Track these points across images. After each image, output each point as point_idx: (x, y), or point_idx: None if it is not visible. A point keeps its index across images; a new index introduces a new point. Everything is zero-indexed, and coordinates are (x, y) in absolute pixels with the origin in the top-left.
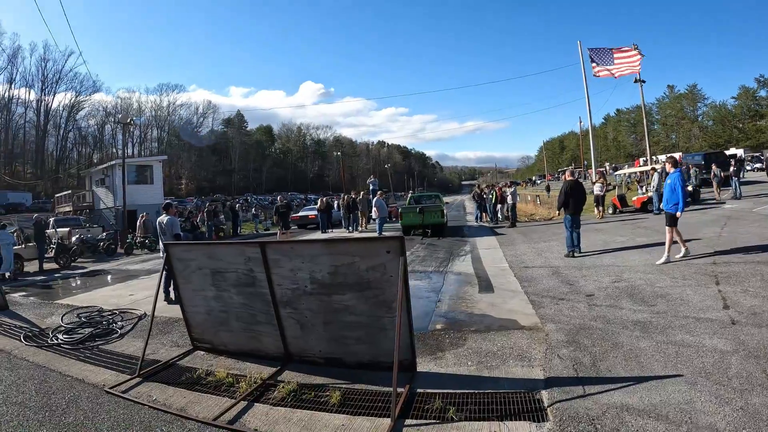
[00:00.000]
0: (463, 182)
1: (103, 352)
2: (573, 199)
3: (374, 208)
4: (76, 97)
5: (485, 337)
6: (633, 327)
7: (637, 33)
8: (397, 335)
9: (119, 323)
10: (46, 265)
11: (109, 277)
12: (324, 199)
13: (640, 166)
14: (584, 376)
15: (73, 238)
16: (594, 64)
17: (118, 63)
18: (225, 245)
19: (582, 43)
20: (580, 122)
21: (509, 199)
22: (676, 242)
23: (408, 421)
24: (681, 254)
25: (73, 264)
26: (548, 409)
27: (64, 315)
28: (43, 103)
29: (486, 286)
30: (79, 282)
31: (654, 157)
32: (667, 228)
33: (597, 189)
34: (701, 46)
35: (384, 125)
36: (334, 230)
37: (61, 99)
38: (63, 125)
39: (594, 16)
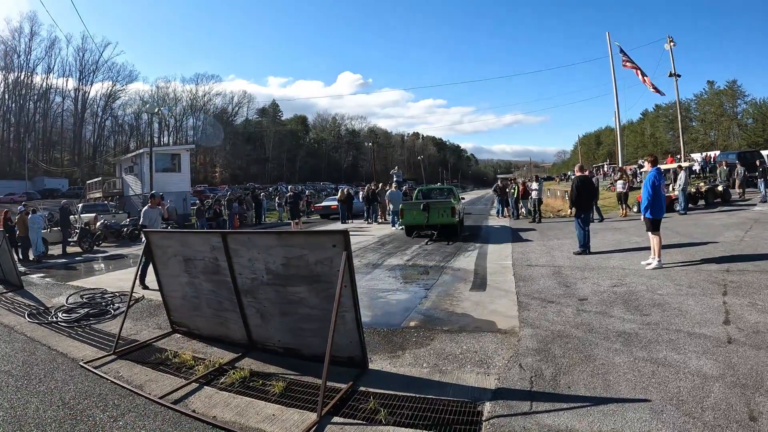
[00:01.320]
0: (498, 175)
1: (94, 331)
2: (582, 196)
3: (387, 200)
4: (113, 86)
5: (454, 339)
6: (615, 338)
7: (675, 24)
8: (331, 330)
9: (116, 305)
10: (71, 249)
11: (124, 261)
12: (345, 189)
13: (673, 163)
14: (537, 391)
15: (98, 224)
16: (623, 55)
17: (158, 53)
18: (194, 234)
19: (611, 35)
20: (616, 117)
21: (534, 195)
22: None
23: (335, 419)
24: (649, 263)
25: (95, 248)
26: (484, 423)
27: (69, 296)
28: (80, 93)
29: (480, 284)
30: (95, 266)
31: (688, 155)
32: (650, 234)
33: (620, 186)
34: (742, 41)
35: (421, 116)
36: (354, 221)
37: (98, 88)
38: (100, 114)
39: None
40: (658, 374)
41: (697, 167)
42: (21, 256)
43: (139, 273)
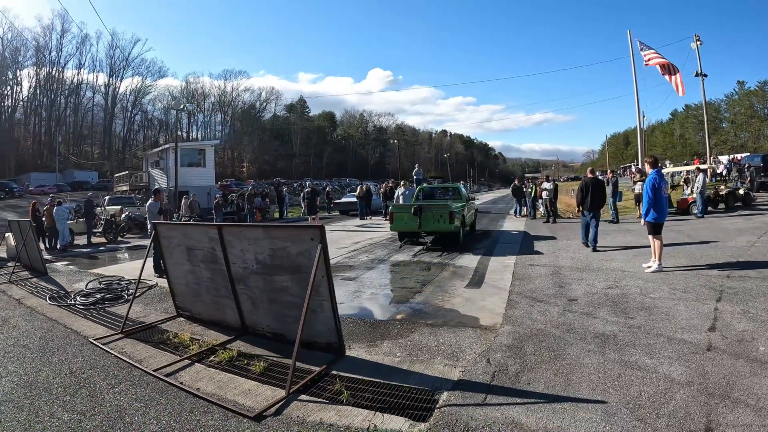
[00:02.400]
0: (526, 174)
1: (107, 313)
2: (590, 197)
3: (399, 198)
4: (143, 81)
5: (434, 332)
6: (592, 340)
7: (702, 23)
8: (302, 317)
9: (130, 291)
10: (96, 239)
11: (145, 251)
12: (363, 186)
13: (697, 165)
14: (496, 385)
15: (123, 215)
16: (644, 53)
17: (189, 50)
18: (194, 226)
19: (632, 33)
20: (643, 117)
21: (545, 195)
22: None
23: (302, 396)
24: (649, 266)
25: (119, 239)
26: (436, 410)
27: (89, 282)
28: (110, 88)
29: (477, 281)
30: (117, 255)
31: (716, 157)
32: (651, 238)
33: (638, 188)
34: None
35: (451, 114)
36: (373, 217)
37: (128, 84)
38: (130, 108)
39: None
40: (623, 377)
41: (722, 170)
42: (48, 245)
43: (145, 262)
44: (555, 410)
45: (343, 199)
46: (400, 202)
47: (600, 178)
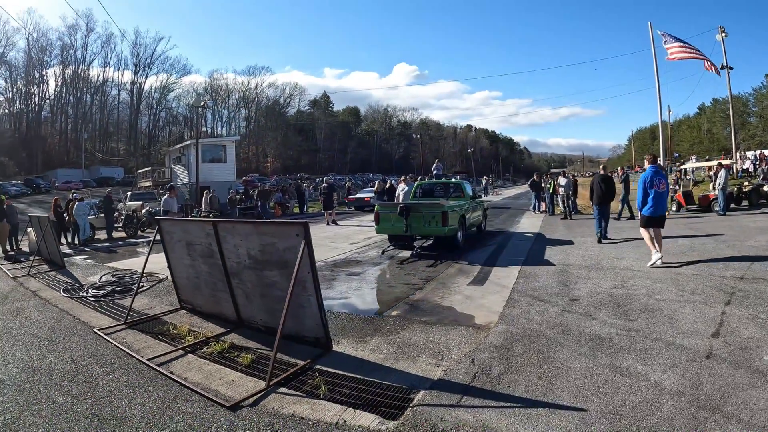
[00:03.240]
0: (552, 170)
1: (115, 305)
2: (600, 192)
3: (400, 196)
4: (168, 78)
5: (425, 329)
6: (586, 342)
7: (727, 14)
8: (285, 310)
9: (141, 284)
10: (117, 234)
11: (159, 247)
12: (379, 181)
13: (723, 160)
14: (474, 386)
15: (143, 211)
16: (668, 46)
17: (214, 47)
18: (192, 221)
19: (653, 24)
20: (669, 111)
21: (561, 191)
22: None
23: (282, 389)
24: (653, 262)
25: (139, 234)
26: (408, 409)
27: (103, 275)
28: (136, 85)
29: (481, 278)
30: (136, 249)
31: (743, 153)
32: (641, 229)
33: None
34: None
35: (477, 108)
36: None
37: (152, 81)
38: (155, 105)
39: None
40: (610, 384)
41: (748, 165)
42: (70, 240)
43: (148, 257)
44: (530, 416)
45: (357, 195)
46: (401, 200)
47: (609, 174)
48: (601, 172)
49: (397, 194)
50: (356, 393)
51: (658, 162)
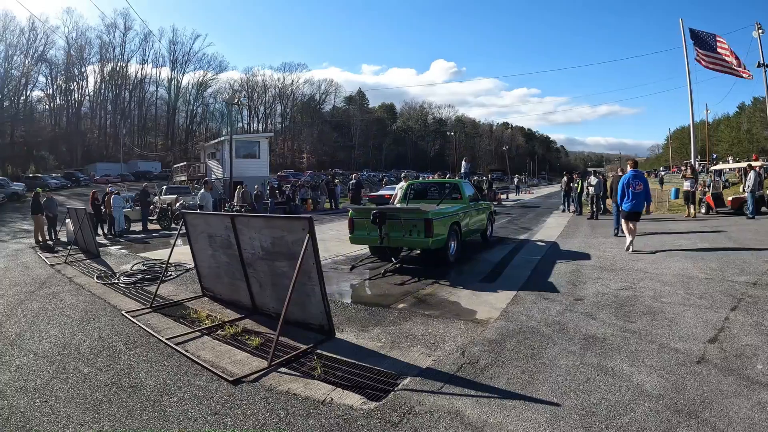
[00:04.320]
0: (589, 169)
1: (144, 292)
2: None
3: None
4: (204, 75)
5: (426, 322)
6: (579, 341)
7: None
8: (288, 298)
9: (169, 273)
10: (151, 226)
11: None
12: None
13: (756, 161)
14: (458, 376)
15: (177, 204)
16: (697, 49)
17: (252, 44)
18: (213, 215)
19: (684, 21)
20: (707, 110)
21: (591, 190)
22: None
23: (282, 369)
24: (625, 246)
25: (173, 226)
26: (391, 393)
27: (134, 264)
28: (173, 82)
29: (492, 276)
30: (168, 241)
31: None
32: (621, 220)
33: (687, 185)
34: None
35: (514, 106)
36: None
37: (190, 78)
38: (192, 101)
39: None
40: (591, 382)
41: None
42: (106, 231)
43: (173, 248)
44: (503, 407)
45: (379, 192)
46: (397, 199)
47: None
48: (619, 173)
49: (395, 193)
50: (348, 376)
51: (638, 168)
